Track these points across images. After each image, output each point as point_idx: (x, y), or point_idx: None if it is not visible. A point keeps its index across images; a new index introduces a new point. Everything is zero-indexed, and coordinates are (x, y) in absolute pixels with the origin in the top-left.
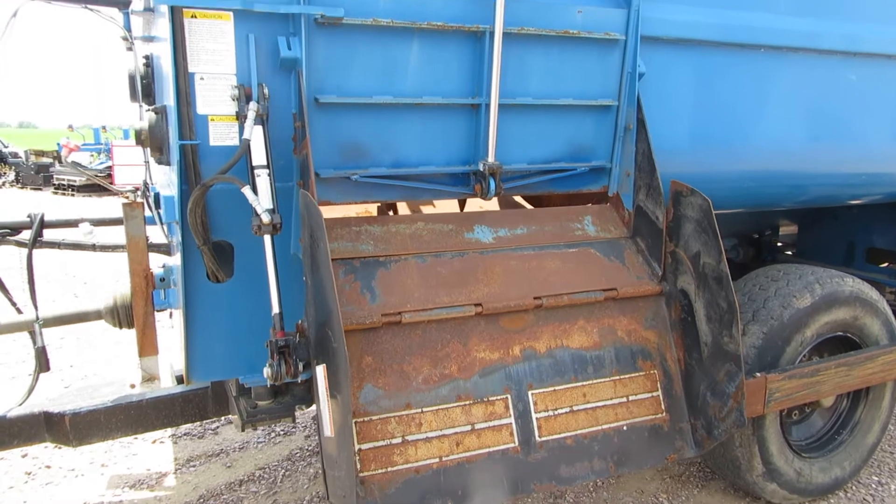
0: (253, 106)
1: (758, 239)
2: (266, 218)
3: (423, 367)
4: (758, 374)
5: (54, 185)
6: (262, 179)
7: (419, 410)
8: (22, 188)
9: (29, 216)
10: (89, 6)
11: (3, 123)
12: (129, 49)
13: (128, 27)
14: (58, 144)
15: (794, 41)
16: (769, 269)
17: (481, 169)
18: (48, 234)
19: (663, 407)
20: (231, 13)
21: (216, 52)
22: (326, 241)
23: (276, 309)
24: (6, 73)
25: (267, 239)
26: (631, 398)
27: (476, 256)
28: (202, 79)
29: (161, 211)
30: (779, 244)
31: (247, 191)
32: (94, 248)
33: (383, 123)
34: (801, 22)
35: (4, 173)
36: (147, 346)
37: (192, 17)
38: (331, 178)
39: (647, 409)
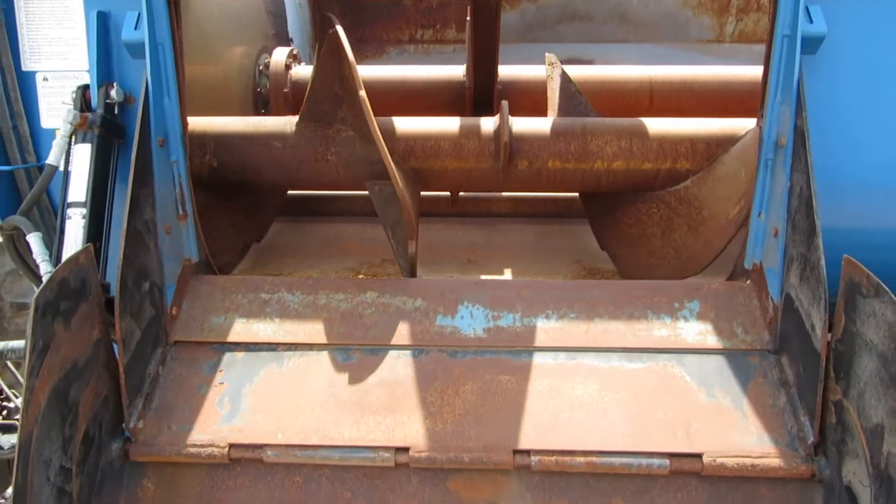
0: (70, 115)
1: None
2: None
3: None
4: None
5: None
6: (74, 223)
7: None
8: None
9: None
10: None
11: None
12: None
13: None
14: None
15: None
16: None
17: None
18: None
19: None
20: None
21: (62, 40)
22: None
23: None
24: None
25: None
26: None
27: (440, 360)
28: (45, 80)
29: None
30: None
31: (33, 239)
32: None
33: None
34: None
35: None
36: None
37: None
38: None
39: None
